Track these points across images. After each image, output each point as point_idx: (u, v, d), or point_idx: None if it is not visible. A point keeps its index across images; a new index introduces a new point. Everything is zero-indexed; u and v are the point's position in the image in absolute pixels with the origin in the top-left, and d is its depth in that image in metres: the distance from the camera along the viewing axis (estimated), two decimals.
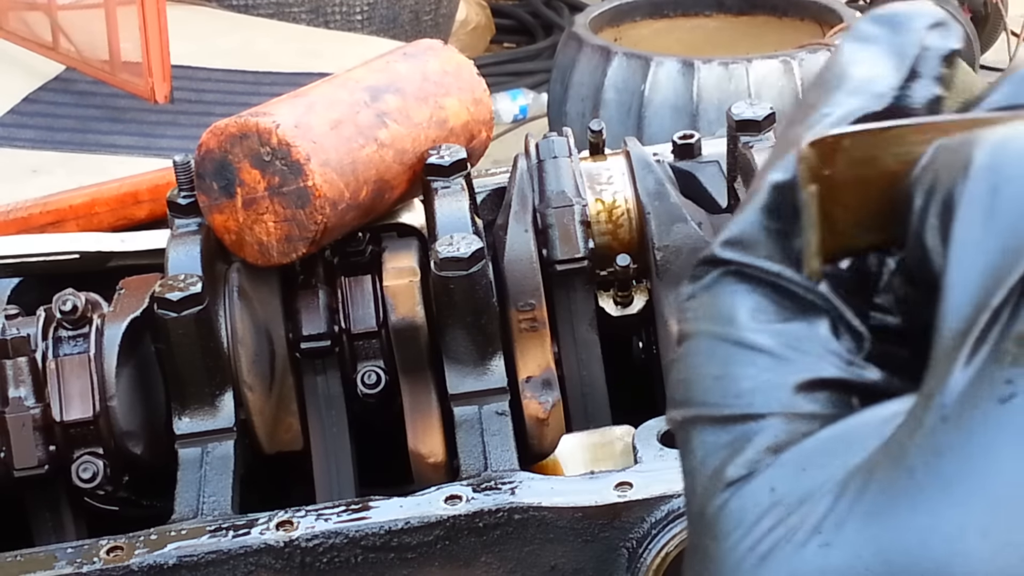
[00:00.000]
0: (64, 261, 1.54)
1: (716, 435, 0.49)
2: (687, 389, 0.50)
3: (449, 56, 1.50)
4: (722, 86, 3.69)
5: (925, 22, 0.55)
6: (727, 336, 0.50)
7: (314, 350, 1.40)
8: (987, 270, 0.45)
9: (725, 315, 0.50)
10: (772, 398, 0.48)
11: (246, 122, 1.32)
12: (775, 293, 0.51)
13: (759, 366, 0.49)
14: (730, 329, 0.50)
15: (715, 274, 0.51)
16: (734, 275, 0.51)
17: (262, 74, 4.01)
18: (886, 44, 0.55)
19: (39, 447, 1.28)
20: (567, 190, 1.42)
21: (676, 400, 0.51)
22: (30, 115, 3.77)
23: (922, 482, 0.44)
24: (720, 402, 0.49)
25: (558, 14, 6.20)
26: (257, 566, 1.19)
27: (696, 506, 0.49)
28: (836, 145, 0.50)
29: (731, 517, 0.47)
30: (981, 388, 0.44)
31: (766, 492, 0.47)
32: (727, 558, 0.47)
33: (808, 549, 0.45)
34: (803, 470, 0.47)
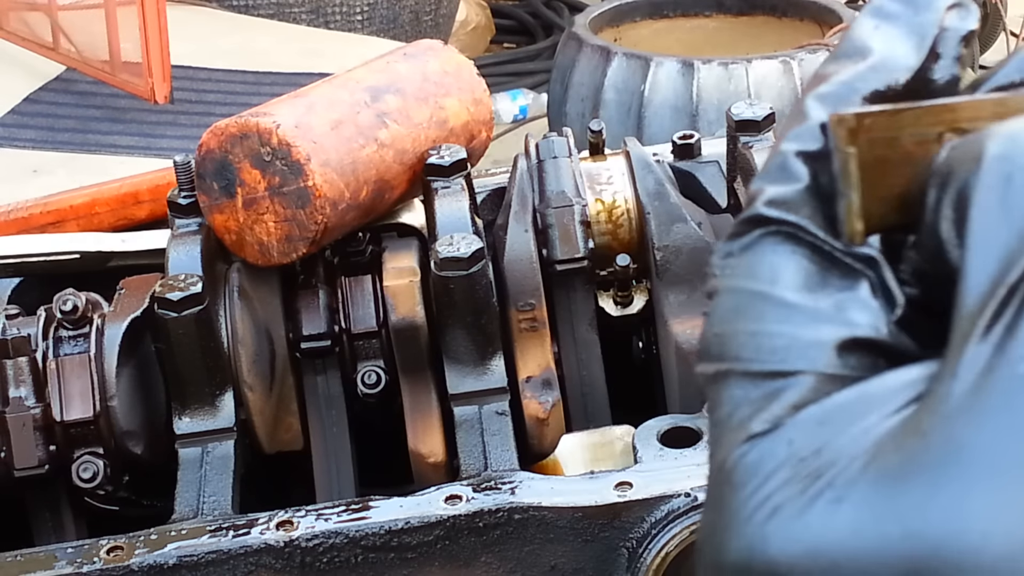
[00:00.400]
0: (64, 261, 1.54)
1: (746, 390, 0.50)
2: (721, 343, 0.51)
3: (449, 56, 1.50)
4: (722, 86, 3.69)
5: (945, 2, 0.55)
6: (766, 294, 0.50)
7: (314, 350, 1.40)
8: (1003, 253, 0.46)
9: (766, 273, 0.51)
10: (805, 356, 0.49)
11: (246, 122, 1.33)
12: (816, 255, 0.51)
13: (795, 324, 0.50)
14: (770, 287, 0.50)
15: (757, 233, 0.52)
16: (776, 235, 0.51)
17: (262, 74, 4.01)
18: (906, 22, 0.55)
19: (39, 447, 1.28)
20: (567, 190, 1.42)
21: (710, 353, 0.51)
22: (31, 115, 3.77)
23: (936, 449, 0.44)
24: (754, 357, 0.50)
25: (558, 14, 6.20)
26: (257, 566, 1.19)
27: (718, 457, 0.50)
28: (858, 123, 0.51)
29: (748, 469, 0.48)
30: (998, 361, 0.44)
31: (784, 446, 0.47)
32: (740, 508, 0.47)
33: (818, 504, 0.46)
34: (821, 426, 0.47)
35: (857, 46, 0.55)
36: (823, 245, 0.51)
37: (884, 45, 0.55)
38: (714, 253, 0.53)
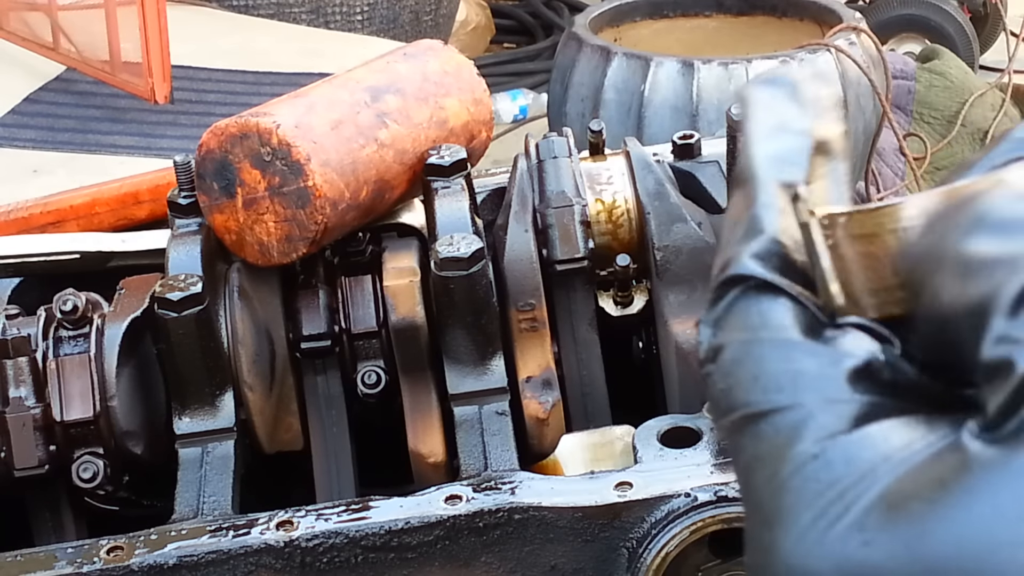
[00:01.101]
0: (64, 261, 1.54)
1: (764, 430, 0.50)
2: (729, 396, 0.51)
3: (449, 56, 1.50)
4: (722, 86, 3.69)
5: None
6: (760, 339, 0.51)
7: (314, 350, 1.40)
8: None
9: (756, 322, 0.51)
10: (813, 388, 0.49)
11: (246, 122, 1.33)
12: (800, 302, 0.52)
13: (797, 360, 0.50)
14: (761, 332, 0.51)
15: (738, 290, 0.52)
16: (756, 288, 0.52)
17: (262, 74, 4.01)
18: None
19: (39, 447, 1.28)
20: (567, 190, 1.42)
21: (721, 409, 0.52)
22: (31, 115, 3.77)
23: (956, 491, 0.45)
24: (762, 399, 0.50)
25: (558, 14, 6.20)
26: (257, 566, 1.19)
27: (753, 501, 0.50)
28: (832, 221, 0.51)
29: (789, 505, 0.48)
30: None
31: (824, 471, 0.48)
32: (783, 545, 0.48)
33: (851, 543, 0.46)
34: (851, 461, 0.48)
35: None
36: (806, 303, 0.52)
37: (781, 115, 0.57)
38: (701, 326, 0.53)
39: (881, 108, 3.97)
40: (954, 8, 5.30)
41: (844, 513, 0.47)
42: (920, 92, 4.70)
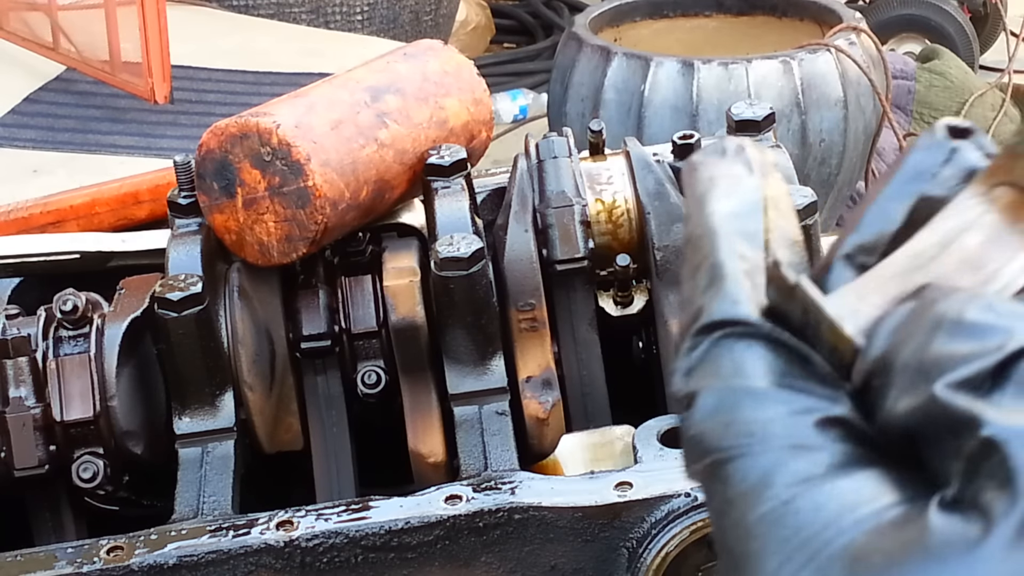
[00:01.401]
0: (64, 261, 1.54)
1: (734, 475, 0.50)
2: (700, 443, 0.51)
3: (449, 56, 1.50)
4: (722, 86, 3.69)
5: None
6: (733, 386, 0.51)
7: (314, 350, 1.40)
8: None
9: (728, 368, 0.52)
10: (784, 435, 0.50)
11: (246, 122, 1.33)
12: (772, 345, 0.52)
13: (767, 407, 0.50)
14: (735, 379, 0.51)
15: (710, 339, 0.53)
16: (730, 335, 0.52)
17: (262, 74, 4.01)
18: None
19: (39, 447, 1.28)
20: (567, 190, 1.42)
21: (693, 454, 0.52)
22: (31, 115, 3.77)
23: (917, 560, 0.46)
24: (733, 444, 0.50)
25: (558, 14, 6.20)
26: (257, 566, 1.19)
27: (723, 545, 0.50)
28: (791, 293, 0.52)
29: (756, 550, 0.49)
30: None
31: (785, 528, 0.48)
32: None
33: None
34: (819, 511, 0.48)
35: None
36: (777, 336, 0.52)
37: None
38: (675, 375, 0.53)
39: (881, 108, 3.97)
40: (954, 8, 5.29)
41: (808, 561, 0.47)
42: (920, 92, 4.70)
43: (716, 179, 0.56)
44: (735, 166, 0.56)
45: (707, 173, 0.56)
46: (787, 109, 3.69)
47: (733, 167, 0.56)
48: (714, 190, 0.55)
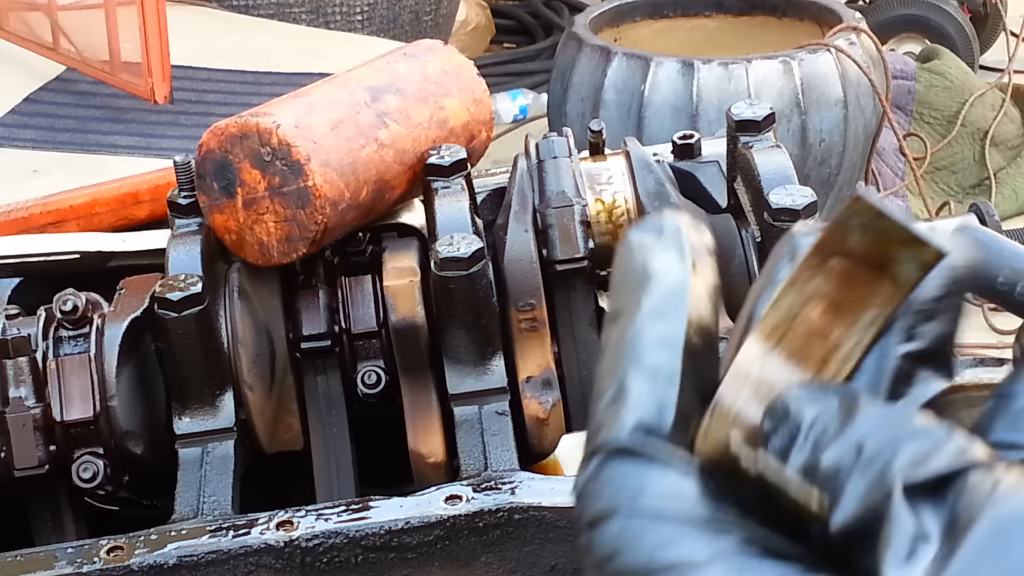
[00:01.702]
0: (64, 261, 1.54)
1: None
2: (608, 567, 0.50)
3: (449, 56, 1.50)
4: (722, 86, 3.69)
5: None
6: (637, 510, 0.50)
7: (314, 350, 1.40)
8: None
9: (631, 492, 0.50)
10: (695, 559, 0.49)
11: (246, 122, 1.33)
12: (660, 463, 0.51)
13: (680, 539, 0.49)
14: (639, 500, 0.50)
15: (608, 459, 0.51)
16: (625, 454, 0.51)
17: (262, 74, 4.01)
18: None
19: (39, 447, 1.28)
20: (567, 190, 1.42)
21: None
22: (31, 115, 3.77)
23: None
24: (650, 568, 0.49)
25: (558, 14, 6.20)
26: (257, 566, 1.19)
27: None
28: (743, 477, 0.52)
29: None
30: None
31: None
32: None
33: None
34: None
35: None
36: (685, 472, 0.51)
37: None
38: (574, 493, 0.52)
39: (881, 108, 3.97)
40: (954, 8, 5.30)
41: None
42: (920, 92, 4.70)
43: (644, 267, 0.54)
44: (668, 252, 0.55)
45: (639, 258, 0.55)
46: (787, 109, 3.70)
47: (666, 254, 0.55)
48: (639, 282, 0.54)
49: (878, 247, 0.52)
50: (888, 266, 0.53)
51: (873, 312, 0.53)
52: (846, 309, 0.53)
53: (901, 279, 0.52)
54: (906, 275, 0.53)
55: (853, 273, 0.53)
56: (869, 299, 0.53)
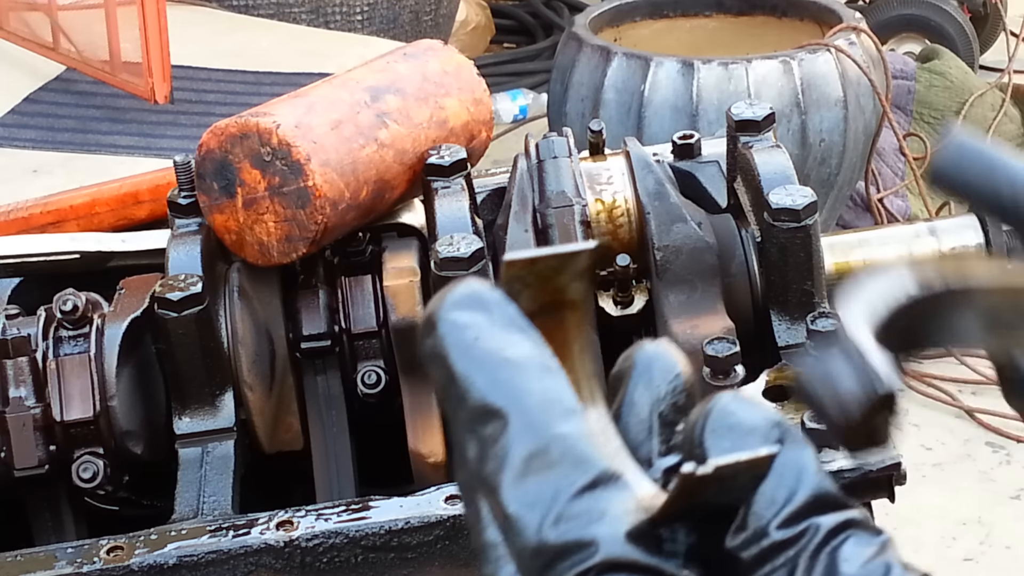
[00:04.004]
0: (64, 261, 1.54)
1: None
2: None
3: (449, 56, 1.50)
4: (722, 86, 3.69)
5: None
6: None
7: (314, 350, 1.40)
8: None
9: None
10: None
11: (246, 122, 1.33)
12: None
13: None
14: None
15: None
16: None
17: (262, 74, 4.01)
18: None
19: (39, 447, 1.28)
20: (567, 190, 1.42)
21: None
22: (31, 115, 3.77)
23: None
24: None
25: (558, 14, 6.20)
26: (257, 566, 1.19)
27: None
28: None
29: None
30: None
31: None
32: None
33: None
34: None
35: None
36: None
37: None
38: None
39: (881, 108, 3.97)
40: (954, 8, 5.29)
41: None
42: (920, 92, 4.70)
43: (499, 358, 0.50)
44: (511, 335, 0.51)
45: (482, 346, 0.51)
46: (787, 109, 3.69)
47: (508, 336, 0.51)
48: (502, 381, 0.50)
49: (545, 291, 0.53)
50: (562, 297, 0.54)
51: (577, 344, 0.55)
52: (559, 357, 0.53)
53: (576, 298, 0.54)
54: (574, 293, 0.54)
55: (543, 327, 0.53)
56: (567, 335, 0.55)
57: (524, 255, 0.52)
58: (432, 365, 0.51)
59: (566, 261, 0.53)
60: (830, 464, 1.20)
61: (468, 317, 0.51)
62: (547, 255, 0.52)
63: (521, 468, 0.49)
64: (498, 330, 0.50)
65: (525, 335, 0.51)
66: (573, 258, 0.53)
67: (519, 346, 0.50)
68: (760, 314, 1.40)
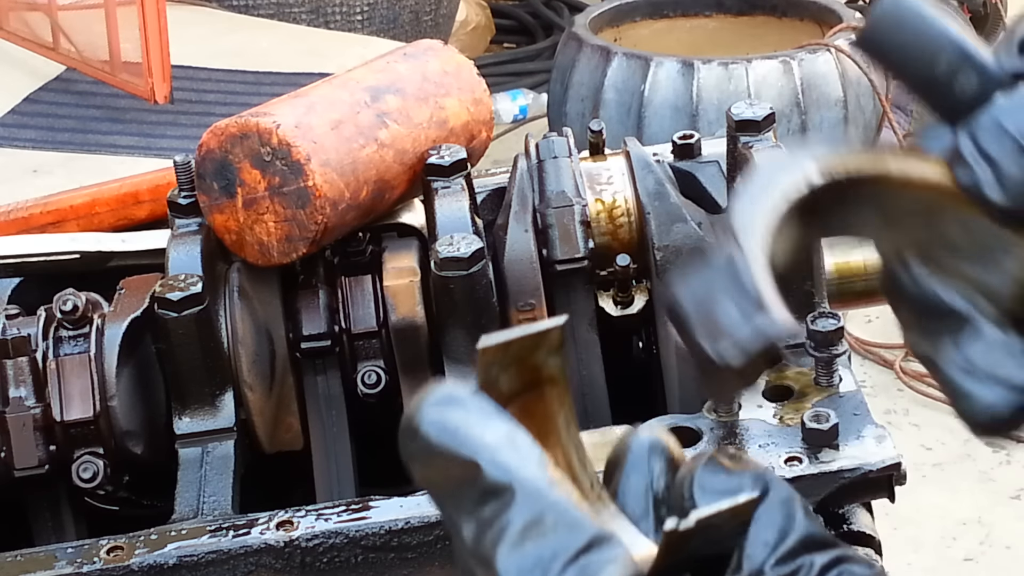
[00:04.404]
0: (64, 261, 1.54)
1: None
2: None
3: (449, 56, 1.50)
4: (722, 86, 3.69)
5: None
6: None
7: (314, 350, 1.40)
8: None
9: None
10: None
11: (246, 122, 1.33)
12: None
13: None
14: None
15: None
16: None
17: (262, 74, 4.01)
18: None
19: (39, 447, 1.28)
20: (567, 190, 1.42)
21: None
22: (31, 115, 3.77)
23: None
24: None
25: (558, 14, 6.20)
26: (257, 566, 1.19)
27: None
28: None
29: None
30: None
31: None
32: None
33: None
34: None
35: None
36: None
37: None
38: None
39: (881, 108, 3.97)
40: (954, 8, 5.29)
41: None
42: None
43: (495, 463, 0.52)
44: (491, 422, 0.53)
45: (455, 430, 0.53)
46: (787, 109, 3.70)
47: (488, 423, 0.53)
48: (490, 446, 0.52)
49: (523, 371, 0.54)
50: (540, 374, 0.54)
51: (561, 416, 0.55)
52: (546, 432, 0.54)
53: (554, 373, 0.55)
54: (552, 368, 0.55)
55: (525, 406, 0.54)
56: (549, 410, 0.55)
57: (497, 340, 0.53)
58: (418, 465, 0.54)
59: (539, 339, 0.54)
60: (829, 464, 1.20)
61: (449, 415, 0.53)
62: (519, 337, 0.54)
63: (518, 538, 0.51)
64: (477, 420, 0.53)
65: (502, 419, 0.53)
66: (545, 336, 0.54)
67: (500, 430, 0.53)
68: None
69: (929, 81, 0.61)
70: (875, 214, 0.62)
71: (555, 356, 0.55)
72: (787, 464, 1.20)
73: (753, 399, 1.27)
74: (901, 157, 0.62)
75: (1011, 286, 0.60)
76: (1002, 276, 0.60)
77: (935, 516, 3.27)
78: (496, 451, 0.52)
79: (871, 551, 1.24)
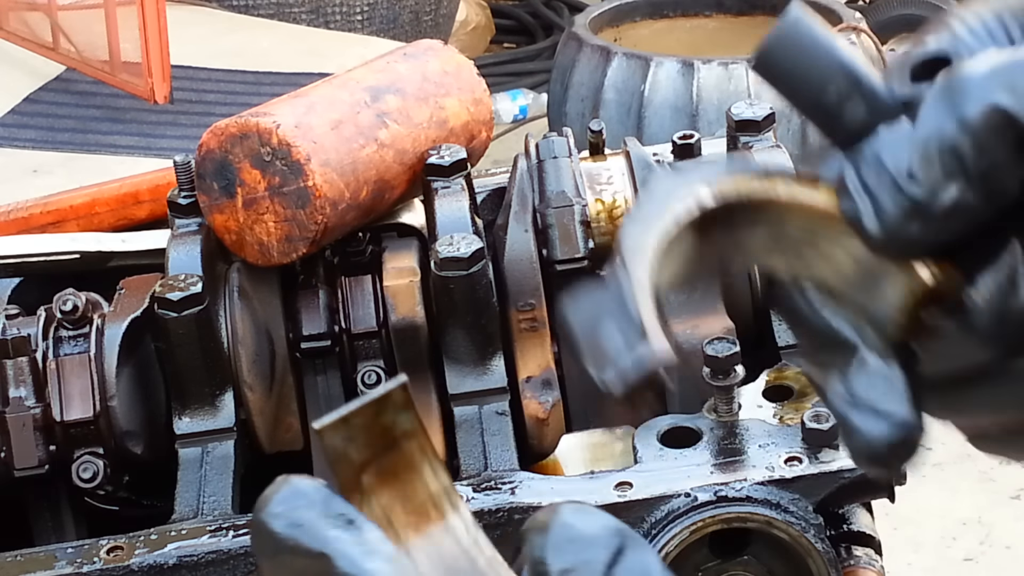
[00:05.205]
0: (64, 261, 1.54)
1: None
2: None
3: (449, 56, 1.50)
4: (722, 86, 3.69)
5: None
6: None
7: (314, 350, 1.40)
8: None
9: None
10: None
11: (246, 122, 1.33)
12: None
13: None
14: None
15: None
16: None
17: (262, 74, 4.01)
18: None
19: (39, 447, 1.28)
20: (567, 190, 1.42)
21: None
22: (30, 115, 3.77)
23: None
24: None
25: (558, 14, 6.20)
26: (257, 566, 1.19)
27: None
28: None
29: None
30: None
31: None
32: None
33: None
34: None
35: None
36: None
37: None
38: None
39: None
40: None
41: None
42: None
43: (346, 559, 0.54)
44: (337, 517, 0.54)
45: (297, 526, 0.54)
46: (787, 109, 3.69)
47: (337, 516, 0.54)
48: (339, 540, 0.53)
49: (372, 436, 0.54)
50: (393, 433, 0.54)
51: (425, 466, 0.55)
52: (412, 487, 0.55)
53: (408, 428, 0.54)
54: (404, 424, 0.54)
55: (384, 467, 0.54)
56: (412, 463, 0.55)
57: (333, 418, 0.53)
58: (267, 562, 0.54)
59: (380, 405, 0.54)
60: (829, 464, 1.20)
61: (295, 509, 0.54)
62: (357, 409, 0.54)
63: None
64: (323, 513, 0.54)
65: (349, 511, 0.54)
66: (387, 399, 0.54)
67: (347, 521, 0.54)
68: (760, 314, 1.40)
69: (820, 108, 0.62)
70: (767, 238, 0.63)
71: (404, 413, 0.54)
72: (787, 464, 1.20)
73: (753, 399, 1.27)
74: (793, 182, 0.62)
75: (891, 314, 0.60)
76: (884, 304, 0.61)
77: (935, 516, 3.27)
78: (345, 543, 0.53)
79: (871, 551, 1.24)
